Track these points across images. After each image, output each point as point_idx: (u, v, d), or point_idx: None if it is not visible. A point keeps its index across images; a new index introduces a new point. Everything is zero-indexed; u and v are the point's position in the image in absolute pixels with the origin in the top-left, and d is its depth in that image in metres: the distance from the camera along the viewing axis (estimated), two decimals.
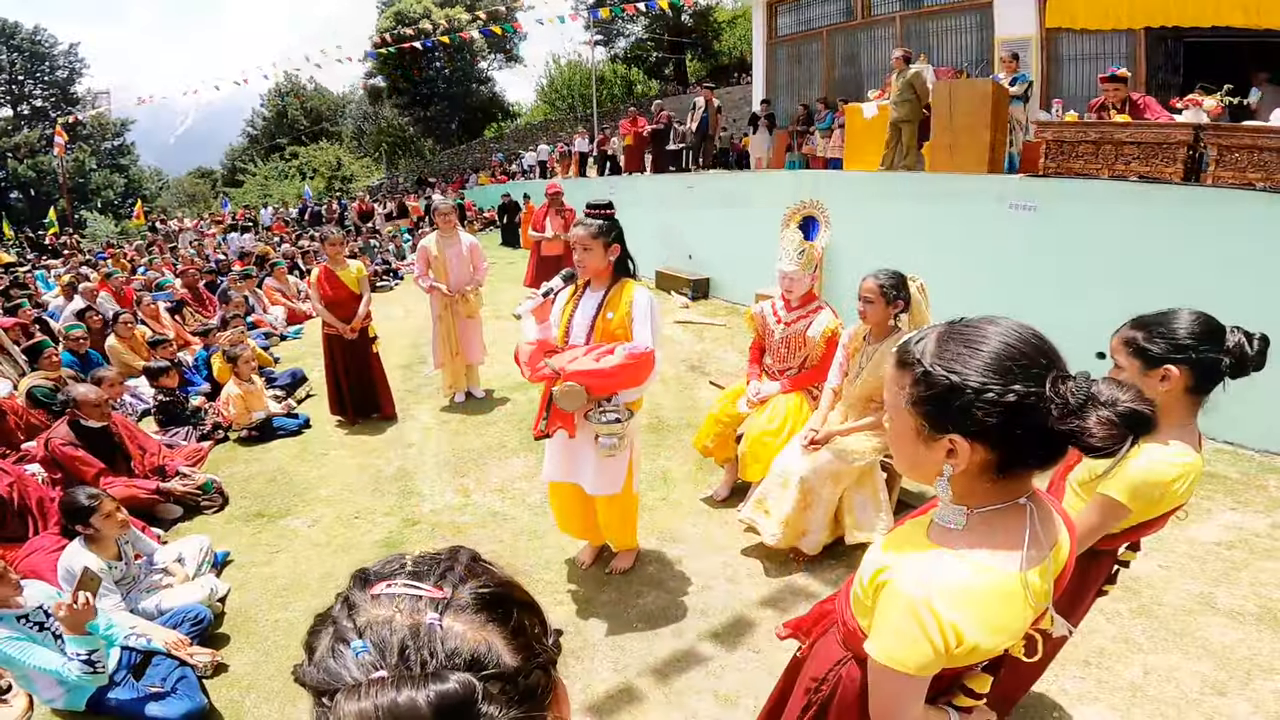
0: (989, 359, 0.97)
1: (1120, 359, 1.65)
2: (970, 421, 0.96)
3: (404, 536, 3.69)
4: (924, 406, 1.01)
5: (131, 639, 2.84)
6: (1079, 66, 8.38)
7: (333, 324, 4.93)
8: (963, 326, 1.03)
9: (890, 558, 1.13)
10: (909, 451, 1.08)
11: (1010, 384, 0.94)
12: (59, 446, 3.93)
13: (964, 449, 0.99)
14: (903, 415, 1.06)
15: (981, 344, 0.98)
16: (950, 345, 1.00)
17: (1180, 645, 2.67)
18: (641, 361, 2.59)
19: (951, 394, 0.97)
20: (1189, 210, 4.28)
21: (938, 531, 1.10)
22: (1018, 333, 1.00)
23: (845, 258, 6.48)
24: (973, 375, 0.96)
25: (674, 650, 2.76)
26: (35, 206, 29.82)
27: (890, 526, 3.07)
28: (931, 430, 1.01)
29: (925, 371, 1.00)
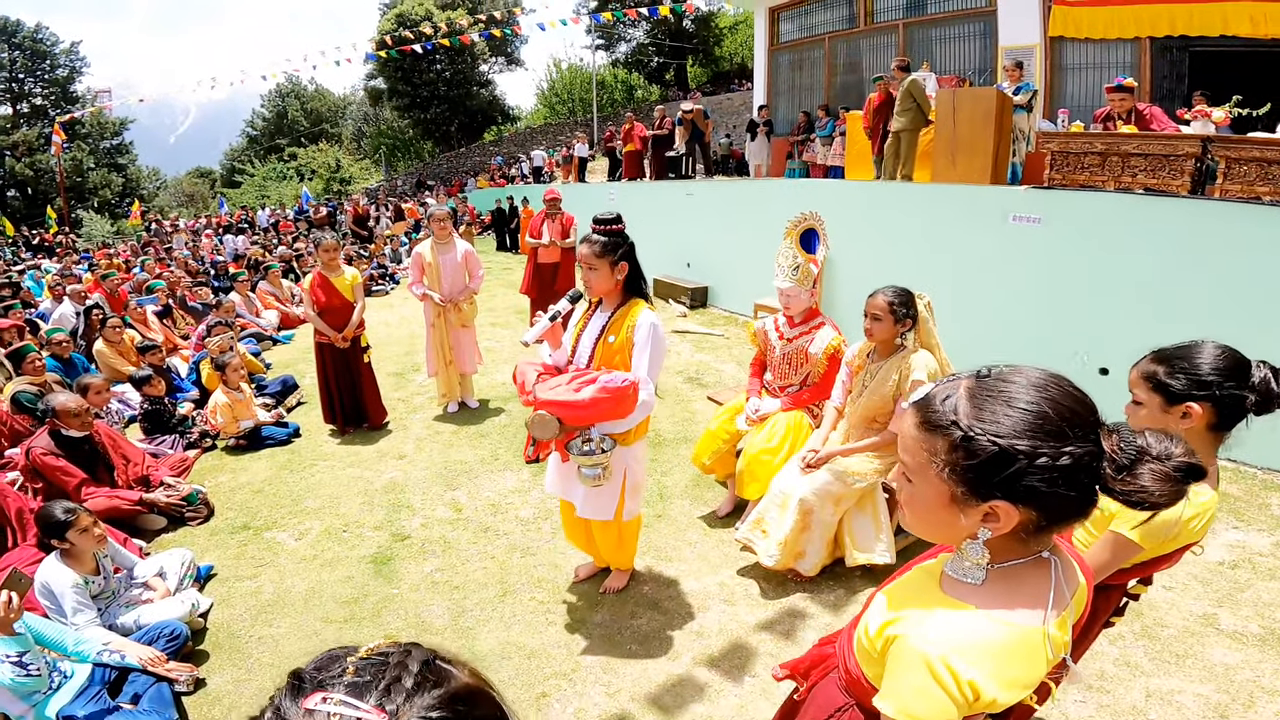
0: (1036, 419, 0.88)
1: (1139, 394, 1.56)
2: (1020, 489, 0.88)
3: (393, 552, 3.60)
4: (965, 475, 0.92)
5: (105, 655, 2.76)
6: (1083, 76, 8.34)
7: (325, 332, 4.84)
8: (995, 382, 0.94)
9: (902, 612, 1.05)
10: (937, 518, 0.99)
11: (1064, 446, 0.87)
12: (39, 456, 3.84)
13: (1009, 514, 0.91)
14: (931, 482, 0.96)
15: (1023, 402, 0.90)
16: (989, 405, 0.91)
17: (1183, 668, 2.62)
18: (617, 396, 2.44)
19: (1000, 462, 0.88)
20: (1196, 224, 4.21)
21: (952, 585, 1.03)
22: (1058, 386, 0.92)
23: (845, 269, 6.41)
24: (1022, 440, 0.87)
25: (668, 675, 2.68)
26: (32, 205, 29.70)
27: (891, 548, 3.00)
28: (971, 497, 0.93)
29: (966, 437, 0.91)
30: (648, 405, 2.57)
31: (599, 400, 2.42)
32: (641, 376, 2.54)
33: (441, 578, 3.35)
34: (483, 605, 3.13)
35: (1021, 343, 5.19)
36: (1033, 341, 5.12)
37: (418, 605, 3.16)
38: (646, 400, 2.54)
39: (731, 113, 20.17)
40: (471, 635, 2.94)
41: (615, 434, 2.64)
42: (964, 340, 5.12)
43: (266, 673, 2.83)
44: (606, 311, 2.68)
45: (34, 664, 2.47)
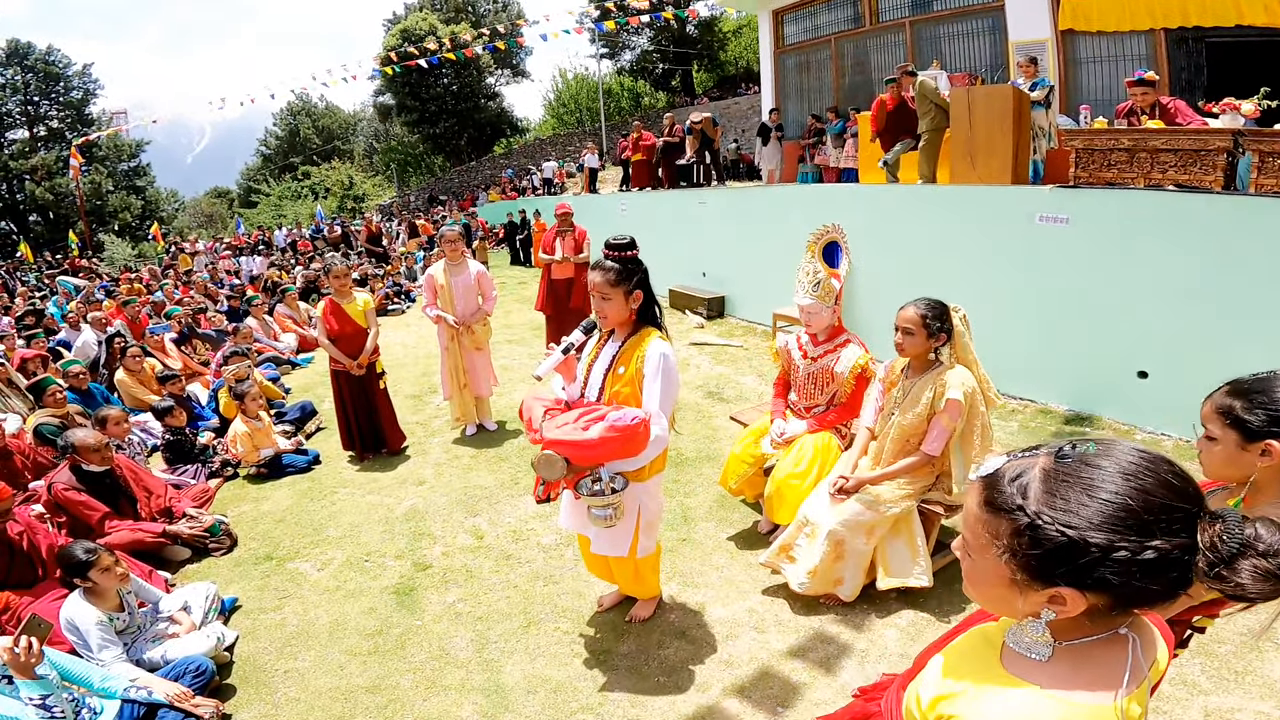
0: (1119, 510, 0.79)
1: (1214, 429, 1.46)
2: (1091, 579, 0.81)
3: (415, 581, 3.56)
4: (1028, 562, 0.85)
5: (132, 691, 2.76)
6: (1099, 69, 8.19)
7: (340, 360, 4.83)
8: (1077, 465, 0.85)
9: (958, 685, 0.98)
10: (995, 594, 0.92)
11: (1147, 540, 0.78)
12: (61, 491, 3.85)
13: (1076, 601, 0.83)
14: (993, 561, 0.89)
15: (1105, 490, 0.81)
16: (1064, 490, 0.83)
17: (1242, 685, 2.51)
18: (627, 434, 2.31)
19: (1069, 553, 0.81)
20: (1232, 220, 4.06)
21: (1014, 660, 0.95)
22: (1152, 472, 0.82)
23: (863, 278, 6.30)
24: (1098, 533, 0.79)
25: (698, 707, 2.60)
26: (54, 230, 30.19)
27: (928, 570, 2.90)
28: (1034, 581, 0.86)
29: (1033, 525, 0.83)
30: (661, 441, 2.45)
31: (607, 440, 2.31)
32: (653, 411, 2.42)
33: (464, 608, 3.31)
34: (507, 636, 3.07)
35: (1054, 348, 5.05)
36: (1066, 346, 4.98)
37: (441, 637, 3.11)
38: (660, 436, 2.42)
39: (739, 117, 20.11)
40: (496, 668, 2.89)
41: (628, 471, 2.54)
42: (993, 347, 4.99)
43: (293, 708, 2.80)
44: (618, 341, 2.58)
45: (57, 706, 2.47)
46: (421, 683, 2.84)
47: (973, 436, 2.78)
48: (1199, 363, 4.26)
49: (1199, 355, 4.26)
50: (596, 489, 2.47)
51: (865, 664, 2.74)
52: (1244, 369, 1.53)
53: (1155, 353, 4.51)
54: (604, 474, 2.50)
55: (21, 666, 2.38)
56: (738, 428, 4.19)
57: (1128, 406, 4.67)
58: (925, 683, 1.06)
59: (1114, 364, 4.71)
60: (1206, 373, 4.17)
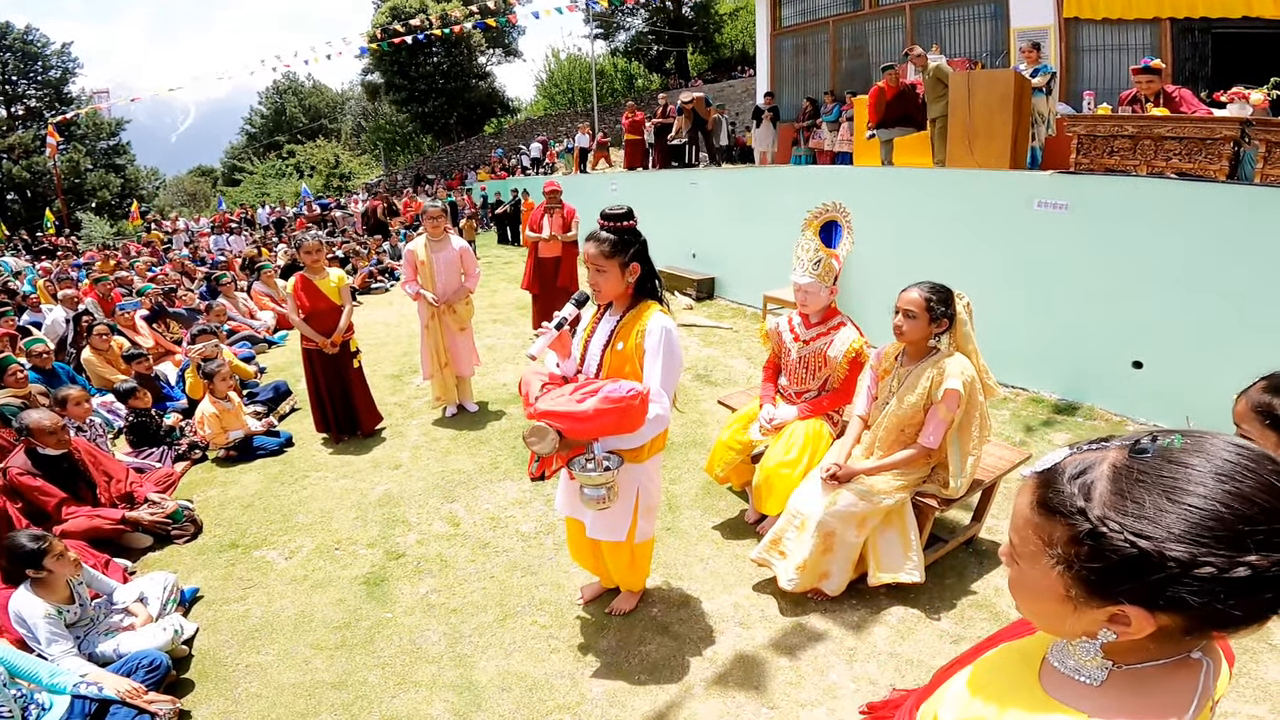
0: (1209, 518, 0.64)
1: (1250, 429, 1.34)
2: (1165, 598, 0.66)
3: (387, 571, 3.40)
4: (1086, 574, 0.70)
5: (82, 687, 2.60)
6: (1101, 58, 8.06)
7: (312, 338, 4.62)
8: (1159, 462, 0.69)
9: (987, 708, 0.83)
10: (1043, 609, 0.78)
11: (1240, 555, 0.63)
12: (16, 476, 3.65)
13: (1143, 621, 0.69)
14: (1044, 572, 0.74)
15: (1192, 494, 0.66)
16: (1138, 492, 0.68)
17: (1236, 688, 2.42)
18: (622, 407, 2.20)
19: (1139, 566, 0.66)
20: (1236, 209, 3.96)
21: (1059, 682, 0.81)
22: (1253, 473, 0.66)
23: (855, 260, 6.15)
24: (1179, 545, 0.64)
25: (680, 706, 2.48)
26: (31, 208, 29.58)
27: (920, 567, 2.78)
28: (1092, 597, 0.71)
29: (1094, 532, 0.68)
30: (661, 420, 2.32)
31: (603, 412, 2.18)
32: (654, 388, 2.30)
33: (438, 599, 3.16)
34: (481, 630, 2.93)
35: (1047, 335, 4.95)
36: (1060, 334, 4.88)
37: (412, 630, 2.96)
38: (660, 415, 2.29)
39: (734, 100, 19.82)
40: (469, 664, 2.74)
41: (626, 451, 2.41)
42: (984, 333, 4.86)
43: (253, 704, 2.66)
44: (616, 315, 2.44)
45: (4, 705, 2.34)
46: (390, 678, 2.70)
47: (971, 428, 2.65)
48: (1194, 354, 4.18)
49: (1195, 347, 4.18)
50: (589, 468, 2.33)
51: (854, 663, 2.63)
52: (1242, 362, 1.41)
53: (1151, 343, 4.42)
54: (597, 449, 2.36)
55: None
56: (726, 412, 4.04)
57: (1120, 396, 4.59)
58: (947, 702, 0.92)
59: (1108, 353, 4.61)
60: (1202, 364, 4.14)
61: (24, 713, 2.46)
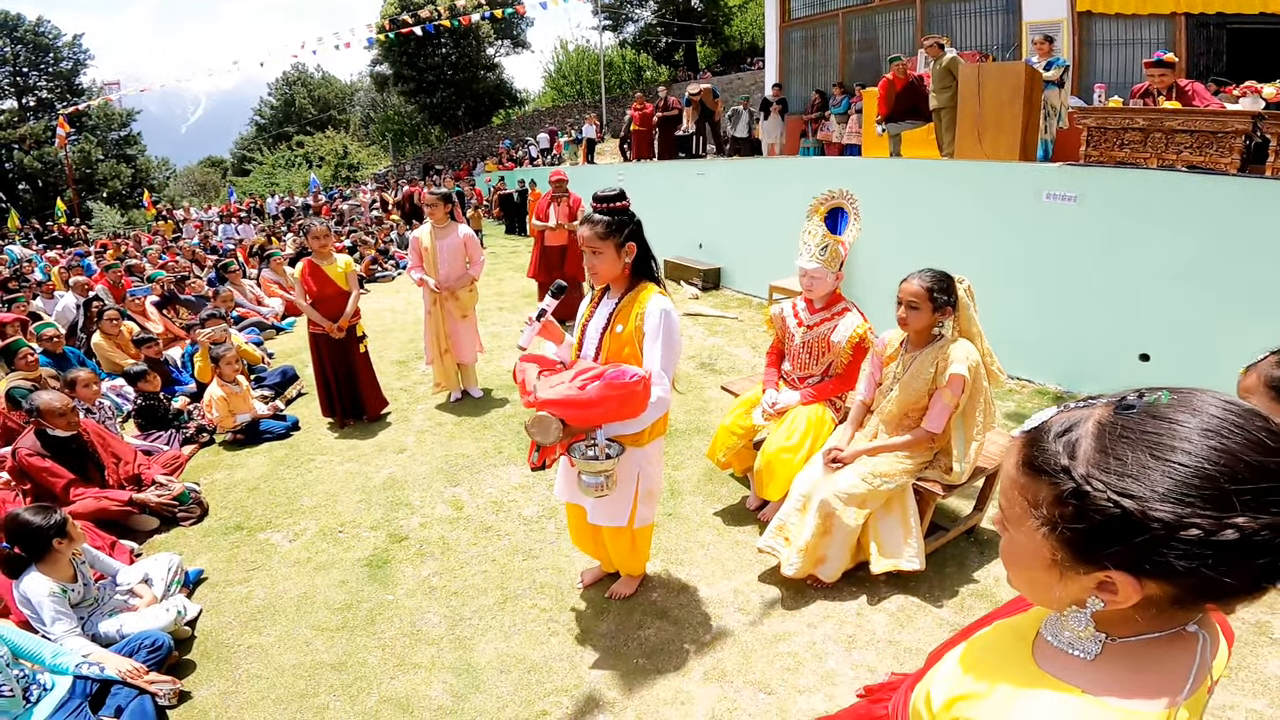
0: (1195, 478, 0.62)
1: (1258, 403, 1.28)
2: (1150, 563, 0.64)
3: (389, 554, 3.42)
4: (1071, 536, 0.68)
5: (84, 667, 2.63)
6: (1114, 52, 8.00)
7: (319, 322, 4.64)
8: (1143, 419, 0.67)
9: (980, 684, 0.81)
10: (1032, 577, 0.76)
11: (1228, 516, 0.61)
12: (25, 457, 3.69)
13: (1129, 588, 0.67)
14: (1030, 536, 0.72)
15: (1178, 451, 0.64)
16: (1122, 450, 0.66)
17: (1235, 681, 2.40)
18: (625, 393, 2.19)
19: (1123, 527, 0.64)
20: (1247, 203, 3.92)
21: (1052, 657, 0.79)
22: (1244, 431, 0.64)
23: (863, 251, 6.13)
24: (1164, 505, 0.62)
25: (678, 691, 2.48)
26: (43, 198, 29.84)
27: (921, 554, 2.77)
28: (1078, 562, 0.69)
29: (1078, 491, 0.66)
30: (663, 403, 2.32)
31: (606, 398, 2.18)
32: (655, 371, 2.29)
33: (439, 582, 3.17)
34: (481, 613, 2.94)
35: (1054, 327, 4.92)
36: (1067, 326, 4.84)
37: (413, 612, 2.98)
38: (661, 398, 2.29)
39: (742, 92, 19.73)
40: (469, 646, 2.76)
41: (627, 435, 2.40)
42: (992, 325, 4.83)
43: (254, 685, 2.68)
44: (614, 298, 2.44)
45: (6, 685, 2.36)
46: (390, 660, 2.72)
47: (975, 413, 2.64)
48: (1202, 347, 4.14)
49: (1203, 339, 4.14)
50: (590, 454, 2.32)
51: (853, 649, 2.62)
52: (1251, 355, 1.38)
53: (1158, 335, 4.39)
54: (599, 437, 2.35)
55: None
56: (729, 399, 4.04)
57: (1131, 389, 4.55)
58: (938, 680, 0.90)
59: (1115, 346, 4.58)
60: (1210, 357, 4.10)
61: (26, 692, 2.48)
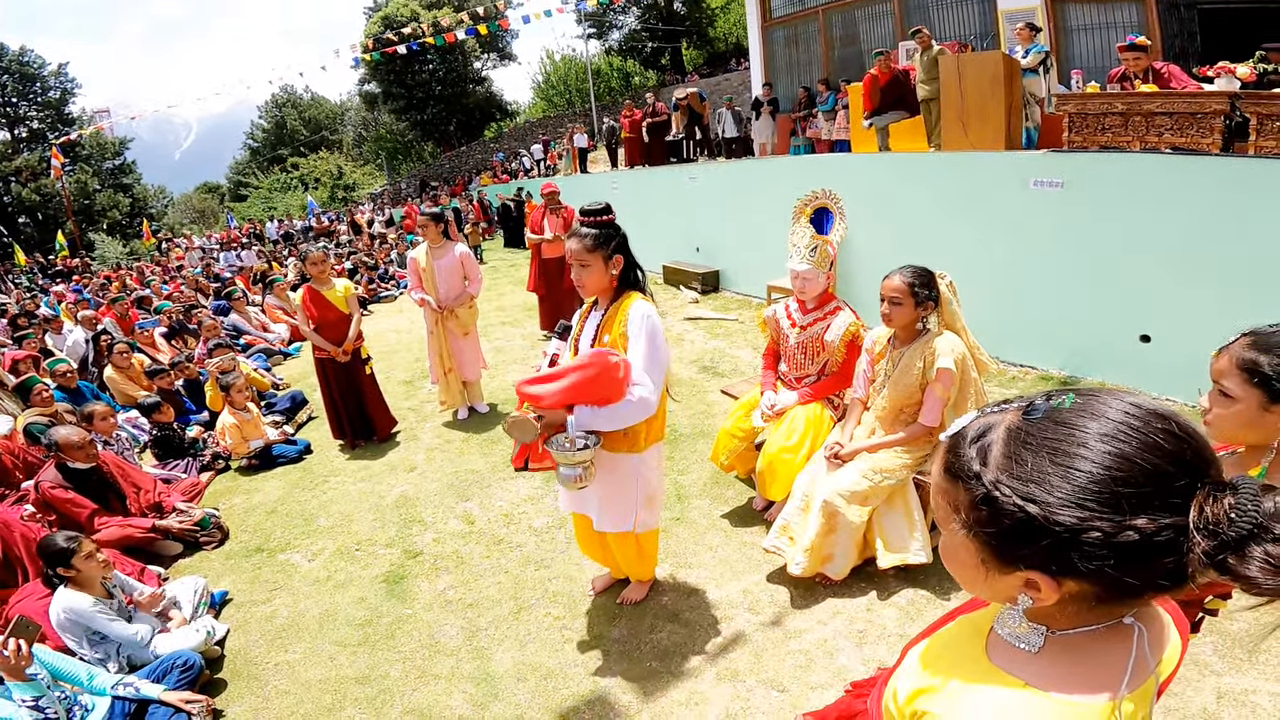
0: (1091, 482, 0.64)
1: (1230, 385, 1.31)
2: (1059, 564, 0.67)
3: (405, 569, 3.51)
4: (988, 539, 0.71)
5: (119, 688, 2.73)
6: (1089, 37, 8.07)
7: (323, 347, 4.74)
8: (1047, 424, 0.69)
9: (938, 680, 0.86)
10: (968, 575, 0.79)
11: (1127, 518, 0.63)
12: (48, 490, 3.80)
13: (1049, 587, 0.70)
14: (954, 537, 0.76)
15: (1079, 457, 0.65)
16: (1028, 457, 0.68)
17: (1256, 666, 2.42)
18: (602, 366, 2.23)
19: (1031, 531, 0.66)
20: (1230, 182, 3.98)
21: (1002, 651, 0.83)
22: (1141, 435, 0.65)
23: (857, 247, 6.21)
24: (1065, 509, 0.64)
25: (691, 691, 2.55)
26: (43, 230, 29.97)
27: (926, 546, 2.83)
28: (999, 563, 0.72)
29: (988, 496, 0.69)
30: (646, 404, 2.34)
31: (582, 366, 2.26)
32: (636, 368, 2.33)
33: (455, 595, 3.26)
34: (497, 623, 3.03)
35: (1053, 313, 4.98)
36: (1066, 311, 4.90)
37: (431, 625, 3.07)
38: (645, 397, 2.32)
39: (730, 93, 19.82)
40: (486, 656, 2.84)
41: (622, 440, 2.47)
42: (991, 314, 4.91)
43: (283, 701, 2.77)
44: (601, 310, 2.53)
45: (50, 708, 2.45)
46: (411, 672, 2.80)
47: (966, 404, 2.72)
48: (1202, 325, 4.18)
49: (1202, 318, 4.18)
50: (565, 445, 2.36)
51: (864, 645, 2.67)
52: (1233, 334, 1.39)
53: (1157, 316, 4.44)
54: (571, 427, 2.39)
55: (11, 669, 2.36)
56: (732, 402, 4.12)
57: (1130, 371, 4.61)
58: (903, 675, 0.94)
59: (1115, 328, 4.63)
60: (1210, 335, 4.08)
61: (69, 714, 2.58)
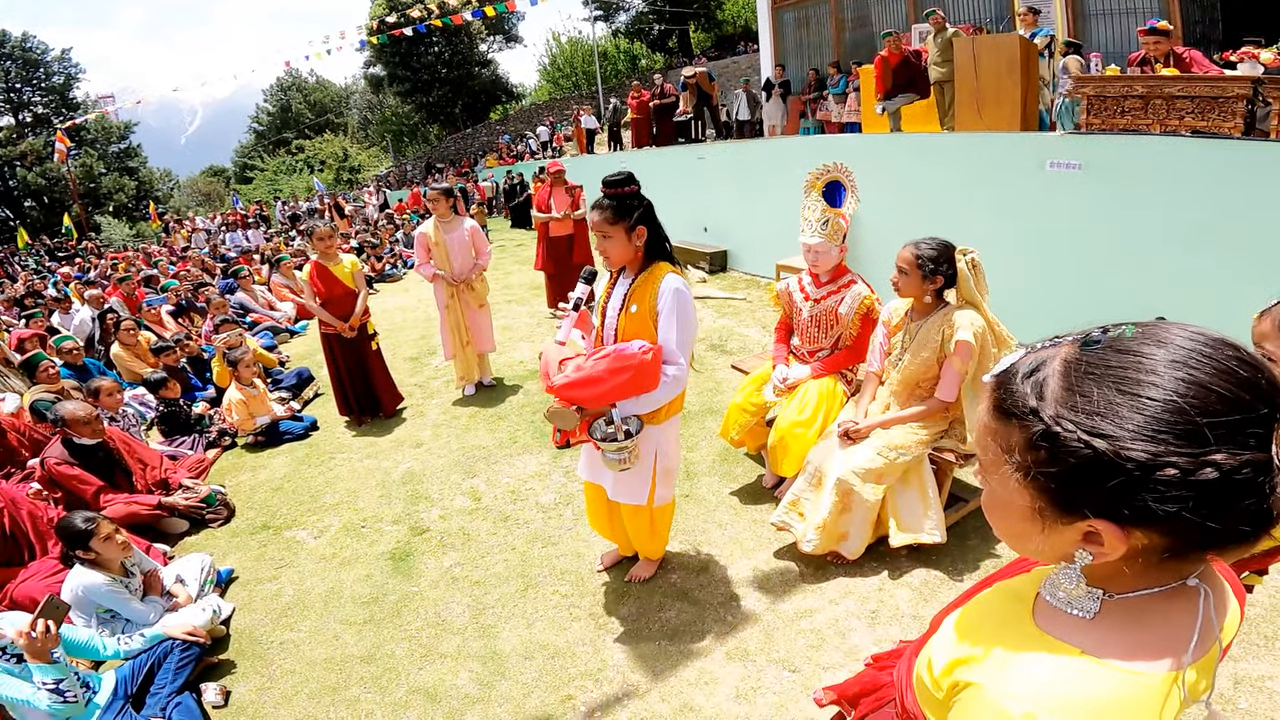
0: (1165, 411, 0.58)
1: (1273, 348, 1.27)
2: (1130, 509, 0.60)
3: (412, 546, 3.49)
4: (1047, 484, 0.64)
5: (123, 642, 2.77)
6: (1109, 21, 7.90)
7: (330, 322, 4.70)
8: (1109, 353, 0.63)
9: (978, 649, 0.79)
10: (1014, 528, 0.72)
11: (1205, 452, 0.57)
12: (54, 466, 3.78)
13: (1114, 538, 0.63)
14: (1008, 485, 0.69)
15: (1150, 384, 0.60)
16: (1092, 388, 0.62)
17: (1273, 651, 2.38)
18: (635, 366, 2.22)
19: (1098, 470, 0.60)
20: (1252, 166, 3.88)
21: (1051, 617, 0.76)
22: (1213, 361, 0.60)
23: (869, 228, 6.11)
24: (1138, 443, 0.58)
25: (701, 670, 2.52)
26: (50, 213, 30.07)
27: (941, 525, 2.78)
28: (1059, 512, 0.66)
29: (1048, 433, 0.63)
30: (679, 381, 2.36)
31: (616, 370, 2.22)
32: (669, 348, 2.33)
33: (461, 572, 3.23)
34: (504, 601, 3.00)
35: (1066, 295, 4.89)
36: (1079, 293, 4.82)
37: (437, 603, 3.04)
38: (678, 375, 2.34)
39: (740, 75, 19.60)
40: (493, 634, 2.81)
41: (644, 413, 2.44)
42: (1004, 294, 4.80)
43: (288, 680, 2.75)
44: (629, 279, 2.46)
45: (71, 690, 2.44)
46: (417, 651, 2.78)
47: (984, 379, 2.65)
48: (1216, 311, 4.10)
49: (1216, 303, 4.10)
50: (609, 431, 2.37)
51: (876, 625, 2.63)
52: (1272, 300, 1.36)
53: (1172, 300, 4.35)
54: (616, 416, 2.39)
55: (38, 650, 2.36)
56: (741, 379, 4.06)
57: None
58: (939, 645, 0.87)
59: (1129, 311, 4.49)
60: (1224, 320, 4.03)
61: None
